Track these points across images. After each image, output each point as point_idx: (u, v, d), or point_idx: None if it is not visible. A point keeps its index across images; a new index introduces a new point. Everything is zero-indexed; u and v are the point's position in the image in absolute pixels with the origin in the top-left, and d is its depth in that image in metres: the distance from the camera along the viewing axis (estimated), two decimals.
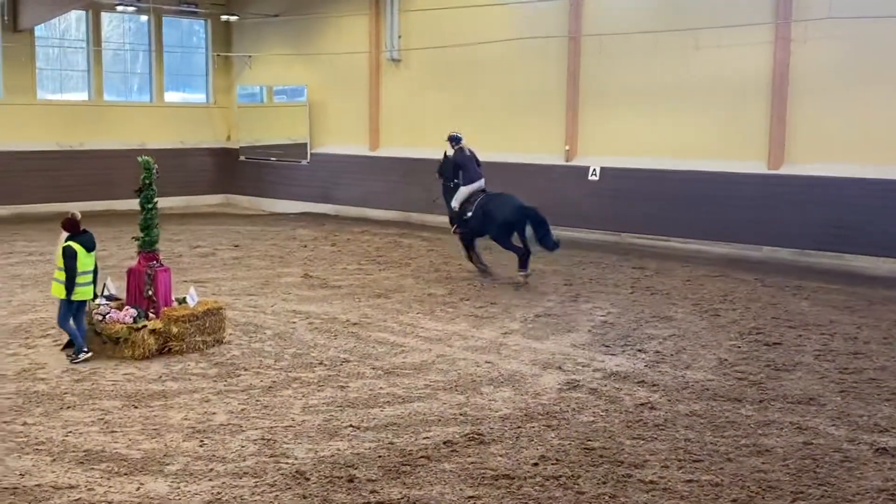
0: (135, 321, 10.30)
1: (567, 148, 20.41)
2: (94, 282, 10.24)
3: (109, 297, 10.82)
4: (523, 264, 14.48)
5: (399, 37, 23.15)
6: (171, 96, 26.57)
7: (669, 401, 9.00)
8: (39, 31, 23.65)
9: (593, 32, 19.77)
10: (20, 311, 12.52)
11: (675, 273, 16.14)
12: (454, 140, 15.34)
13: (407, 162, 23.12)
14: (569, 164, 20.44)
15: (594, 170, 19.99)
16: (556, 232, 14.84)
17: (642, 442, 7.86)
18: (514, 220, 14.45)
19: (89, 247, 10.07)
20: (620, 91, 19.55)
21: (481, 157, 15.45)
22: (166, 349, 10.37)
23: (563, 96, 20.38)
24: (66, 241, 10.01)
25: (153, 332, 10.29)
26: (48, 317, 11.58)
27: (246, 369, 9.91)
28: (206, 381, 9.48)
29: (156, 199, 10.75)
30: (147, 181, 10.66)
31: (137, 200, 10.73)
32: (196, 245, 18.68)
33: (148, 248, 10.74)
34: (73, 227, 10.10)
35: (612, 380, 9.72)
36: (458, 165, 15.19)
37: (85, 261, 9.98)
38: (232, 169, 27.10)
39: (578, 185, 20.14)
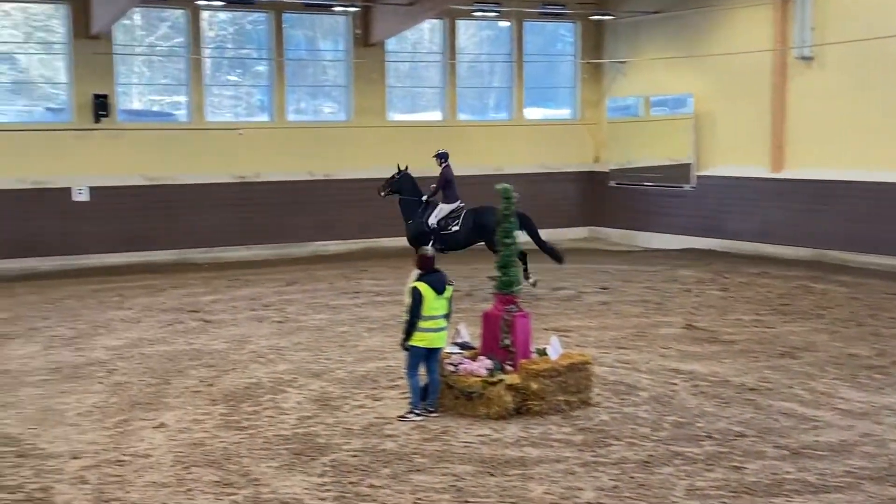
0: (490, 374, 10.76)
1: None
2: (446, 328, 10.87)
3: (463, 346, 11.40)
4: (526, 273, 17.36)
5: (812, 29, 22.35)
6: (531, 112, 27.72)
7: None
8: (390, 44, 25.79)
9: None
10: (366, 357, 13.63)
11: None
12: (443, 157, 18.70)
13: (821, 185, 22.16)
14: None
15: None
16: None
17: None
18: None
19: (439, 288, 10.73)
20: None
21: None
22: (525, 408, 10.71)
23: None
24: (415, 280, 10.75)
25: (510, 387, 10.68)
26: (396, 366, 12.47)
27: (617, 438, 10.00)
28: (570, 449, 9.69)
29: (515, 233, 11.20)
30: (506, 212, 11.14)
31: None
32: (558, 287, 19.19)
33: (505, 290, 11.15)
34: (426, 265, 10.82)
35: None
36: (448, 181, 18.55)
37: (434, 304, 10.66)
38: (600, 196, 27.59)
39: None
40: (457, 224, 18.44)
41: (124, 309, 17.25)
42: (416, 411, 10.74)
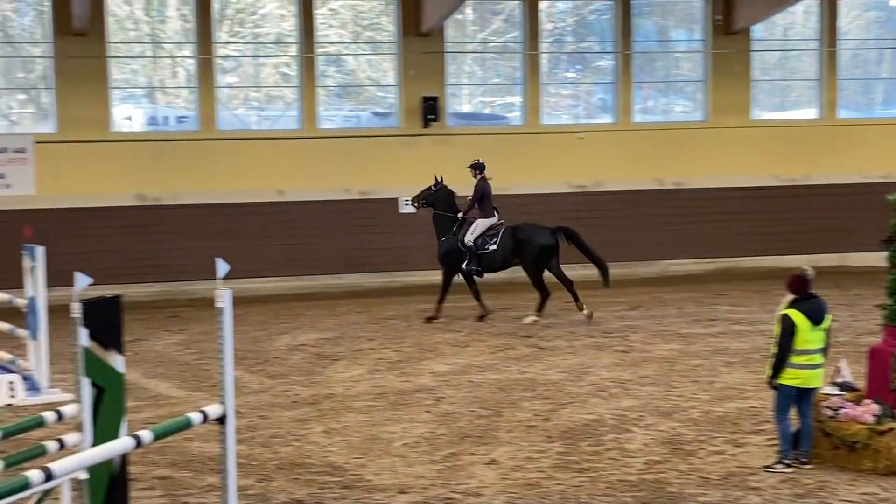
0: (878, 421, 10.38)
1: None
2: (823, 364, 10.59)
3: (844, 386, 11.04)
4: (541, 307, 18.79)
5: None
6: None
7: None
8: (756, 31, 25.31)
9: None
10: (726, 396, 13.44)
11: None
12: (479, 168, 19.04)
13: None
14: None
15: None
16: None
17: None
18: (554, 244, 18.80)
19: (816, 317, 10.43)
20: None
21: None
22: None
23: None
24: (786, 306, 10.53)
25: None
26: (762, 406, 12.22)
27: None
28: None
29: None
30: None
31: (885, 254, 10.92)
32: None
33: None
34: (800, 288, 10.54)
35: None
36: (484, 195, 18.97)
37: (809, 336, 10.39)
38: None
39: None
40: (494, 242, 18.80)
41: (452, 331, 17.95)
42: (786, 461, 10.49)
